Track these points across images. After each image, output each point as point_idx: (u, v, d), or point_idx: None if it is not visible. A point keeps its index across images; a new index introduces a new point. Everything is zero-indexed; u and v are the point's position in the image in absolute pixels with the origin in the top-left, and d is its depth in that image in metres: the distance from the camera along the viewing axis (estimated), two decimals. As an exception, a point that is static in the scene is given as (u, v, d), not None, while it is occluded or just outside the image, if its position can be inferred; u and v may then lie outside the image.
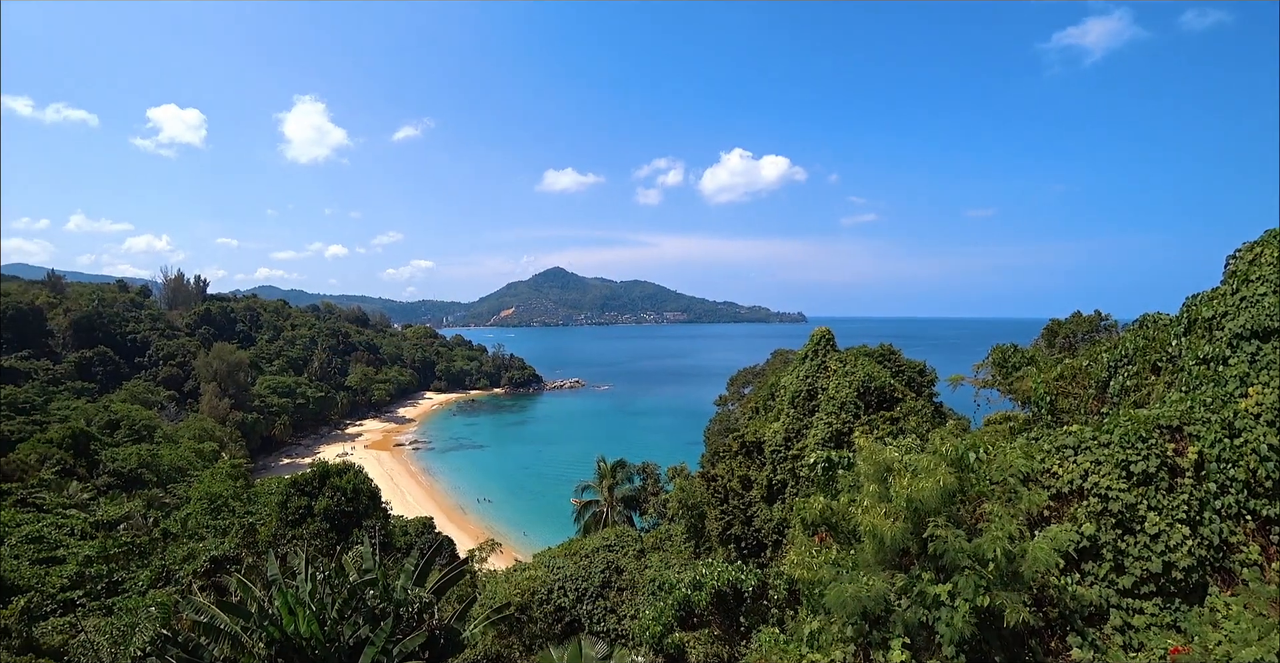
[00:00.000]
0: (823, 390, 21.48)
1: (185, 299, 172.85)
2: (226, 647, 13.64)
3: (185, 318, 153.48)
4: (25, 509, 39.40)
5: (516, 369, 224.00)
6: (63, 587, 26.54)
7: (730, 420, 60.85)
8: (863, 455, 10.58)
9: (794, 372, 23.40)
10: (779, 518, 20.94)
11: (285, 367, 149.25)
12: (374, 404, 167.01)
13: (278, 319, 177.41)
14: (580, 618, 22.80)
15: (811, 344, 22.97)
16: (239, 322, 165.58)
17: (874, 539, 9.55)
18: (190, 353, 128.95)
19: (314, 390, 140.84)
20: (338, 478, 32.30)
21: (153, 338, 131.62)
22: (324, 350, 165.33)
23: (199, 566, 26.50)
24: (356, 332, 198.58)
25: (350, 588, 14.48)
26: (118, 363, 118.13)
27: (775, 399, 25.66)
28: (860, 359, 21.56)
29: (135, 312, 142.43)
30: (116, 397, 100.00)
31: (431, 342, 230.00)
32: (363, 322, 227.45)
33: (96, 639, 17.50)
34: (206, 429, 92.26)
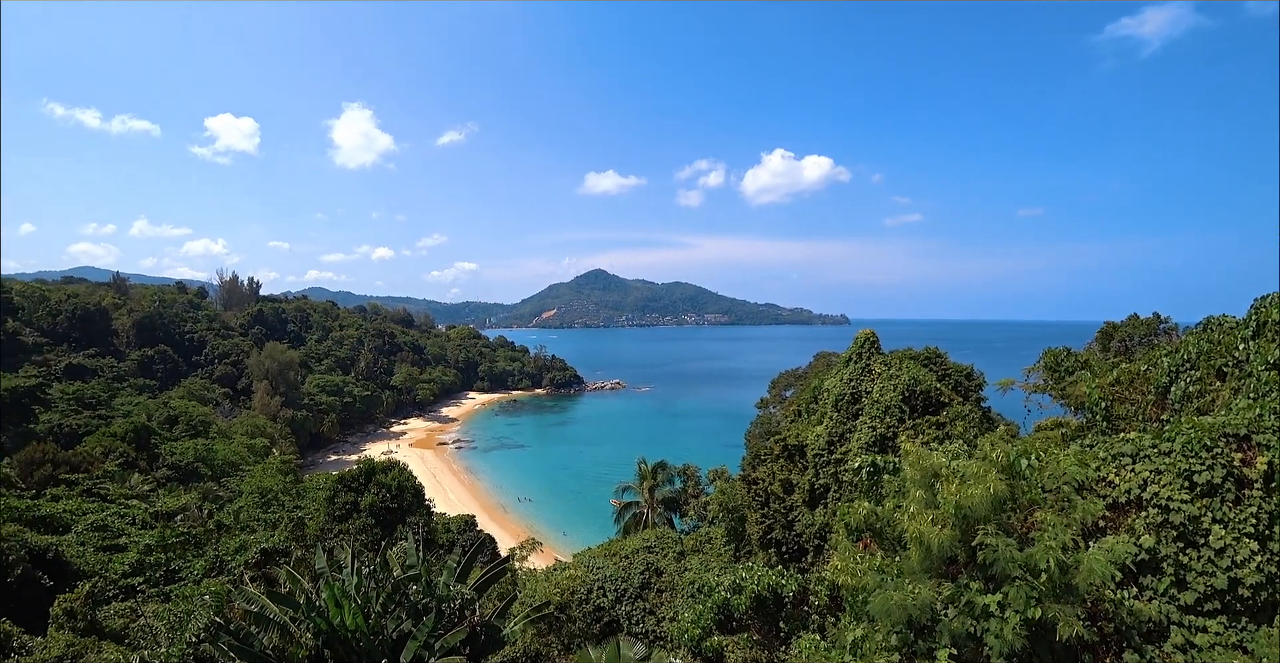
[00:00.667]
0: (866, 394, 21.11)
1: (239, 300, 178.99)
2: (276, 636, 14.03)
3: (239, 318, 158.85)
4: (91, 499, 41.22)
5: (558, 370, 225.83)
6: (124, 573, 27.69)
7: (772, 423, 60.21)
8: (909, 461, 10.35)
9: (837, 375, 23.06)
10: (821, 523, 20.65)
11: (333, 366, 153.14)
12: (418, 403, 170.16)
13: (326, 320, 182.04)
14: (619, 619, 22.83)
15: (855, 347, 22.61)
16: (290, 322, 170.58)
17: (920, 547, 9.32)
18: (244, 352, 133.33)
19: (361, 389, 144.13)
20: (383, 475, 32.94)
21: (209, 337, 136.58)
22: (370, 351, 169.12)
23: (250, 557, 27.31)
24: (402, 332, 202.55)
25: (394, 583, 14.75)
26: (176, 361, 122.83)
27: (818, 402, 25.32)
28: (905, 362, 21.14)
29: (193, 312, 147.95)
30: (175, 393, 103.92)
31: (475, 342, 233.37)
32: (408, 323, 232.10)
33: (155, 624, 18.21)
34: (258, 426, 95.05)
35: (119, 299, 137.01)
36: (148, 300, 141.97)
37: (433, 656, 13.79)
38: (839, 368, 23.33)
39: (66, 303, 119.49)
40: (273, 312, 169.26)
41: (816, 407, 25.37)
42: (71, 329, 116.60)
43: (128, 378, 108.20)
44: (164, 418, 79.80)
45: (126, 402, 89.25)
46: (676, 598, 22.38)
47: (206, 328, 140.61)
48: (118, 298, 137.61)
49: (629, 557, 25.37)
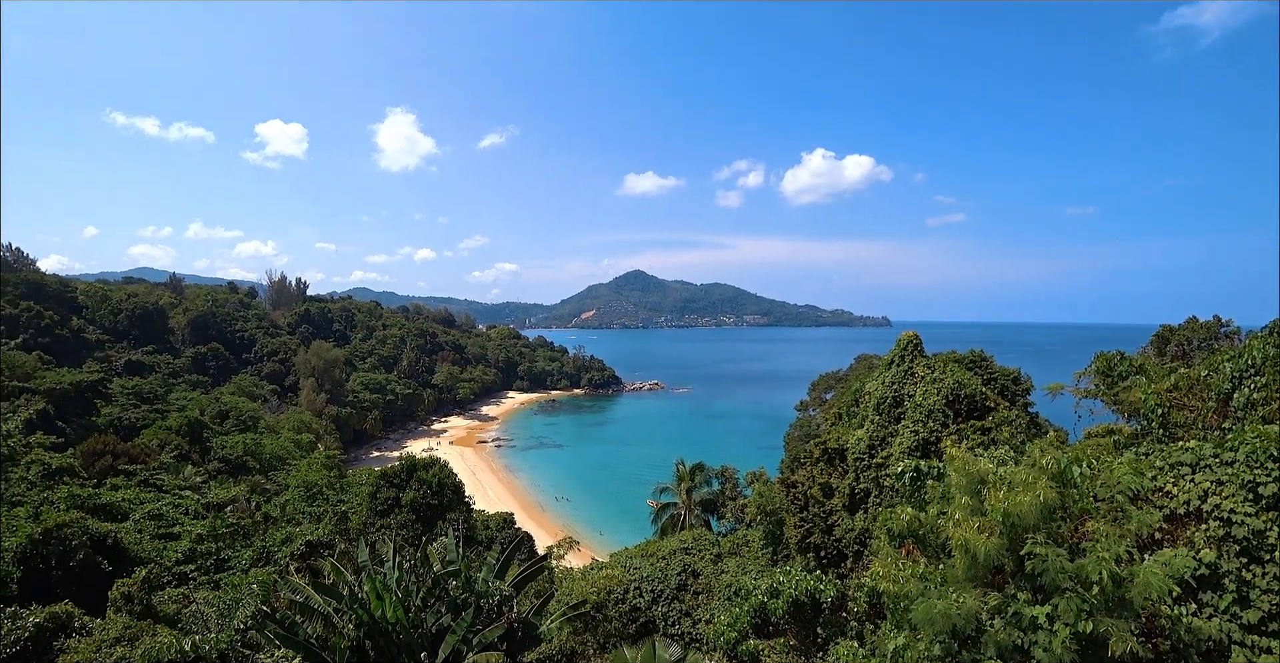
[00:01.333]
0: (909, 397, 20.69)
1: (287, 300, 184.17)
2: (319, 626, 14.35)
3: (287, 317, 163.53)
4: (148, 489, 42.85)
5: (596, 371, 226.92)
6: (177, 560, 28.71)
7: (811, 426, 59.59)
8: (954, 466, 10.09)
9: (879, 377, 22.65)
10: (861, 528, 20.30)
11: (377, 364, 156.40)
12: (459, 402, 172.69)
13: (370, 319, 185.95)
14: (655, 620, 22.80)
15: (898, 349, 22.18)
16: (335, 321, 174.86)
17: (966, 554, 9.07)
18: (291, 350, 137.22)
19: (403, 388, 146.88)
20: (424, 472, 33.49)
21: (258, 336, 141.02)
22: (413, 350, 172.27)
23: (295, 548, 28.06)
24: (443, 332, 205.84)
25: (434, 578, 14.95)
26: (228, 359, 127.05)
27: (859, 405, 24.91)
28: (949, 365, 20.65)
29: (243, 311, 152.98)
30: (226, 389, 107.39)
31: (514, 342, 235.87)
32: (449, 322, 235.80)
33: (205, 611, 18.86)
34: (304, 422, 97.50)
35: (175, 299, 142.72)
36: (201, 300, 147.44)
37: (470, 650, 13.94)
38: (881, 370, 22.92)
39: (126, 302, 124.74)
40: (319, 311, 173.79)
41: (857, 410, 24.96)
42: (131, 327, 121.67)
43: (182, 374, 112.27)
44: (216, 413, 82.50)
45: (181, 397, 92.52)
46: (713, 601, 22.26)
47: (256, 327, 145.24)
48: (174, 298, 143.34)
49: (666, 558, 25.33)
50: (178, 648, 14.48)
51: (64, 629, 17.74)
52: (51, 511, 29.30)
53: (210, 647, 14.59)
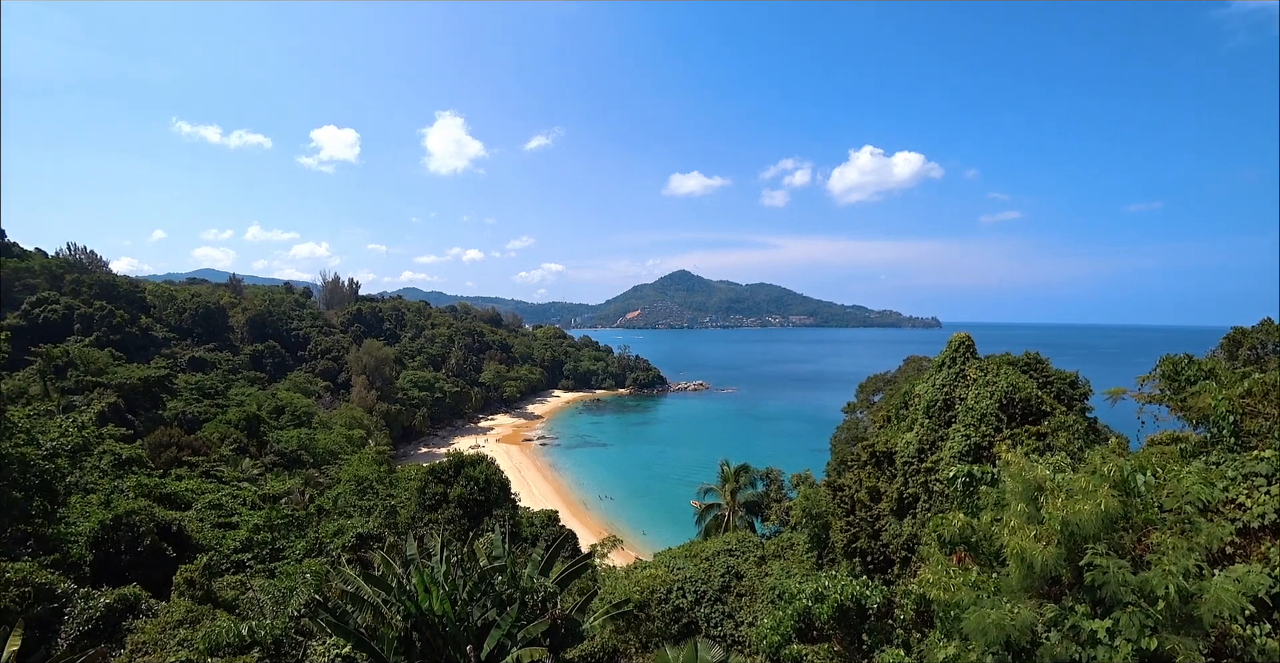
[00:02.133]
0: (961, 400, 20.14)
1: (340, 300, 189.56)
2: (369, 616, 14.71)
3: (340, 317, 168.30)
4: (209, 480, 44.57)
5: (641, 370, 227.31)
6: (235, 549, 29.81)
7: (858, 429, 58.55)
8: (1009, 472, 9.75)
9: (929, 380, 22.11)
10: (909, 533, 19.85)
11: (425, 363, 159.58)
12: (505, 400, 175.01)
13: (419, 319, 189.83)
14: (698, 620, 22.71)
15: (949, 351, 21.60)
16: (385, 320, 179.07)
17: (1021, 563, 8.75)
18: (344, 348, 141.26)
19: (451, 386, 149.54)
20: (471, 468, 33.97)
21: (312, 334, 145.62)
22: (460, 348, 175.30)
23: (347, 540, 28.83)
24: (490, 331, 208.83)
25: (480, 572, 15.17)
26: (284, 356, 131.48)
27: (908, 408, 24.36)
28: (1003, 368, 20.00)
29: (298, 311, 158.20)
30: (282, 386, 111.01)
31: (560, 342, 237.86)
32: (496, 322, 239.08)
33: (262, 598, 19.52)
34: (356, 418, 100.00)
35: (235, 299, 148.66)
36: (259, 300, 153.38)
37: (515, 645, 14.10)
38: (931, 373, 22.37)
39: (190, 302, 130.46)
40: (370, 311, 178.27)
41: (906, 413, 24.40)
42: (194, 325, 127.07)
43: (241, 371, 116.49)
44: (272, 408, 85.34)
45: (240, 392, 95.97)
46: (756, 603, 22.06)
47: (310, 325, 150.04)
48: (234, 297, 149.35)
49: (709, 559, 25.21)
50: (236, 632, 15.02)
51: (132, 610, 18.60)
52: (121, 498, 30.73)
53: (266, 632, 15.09)
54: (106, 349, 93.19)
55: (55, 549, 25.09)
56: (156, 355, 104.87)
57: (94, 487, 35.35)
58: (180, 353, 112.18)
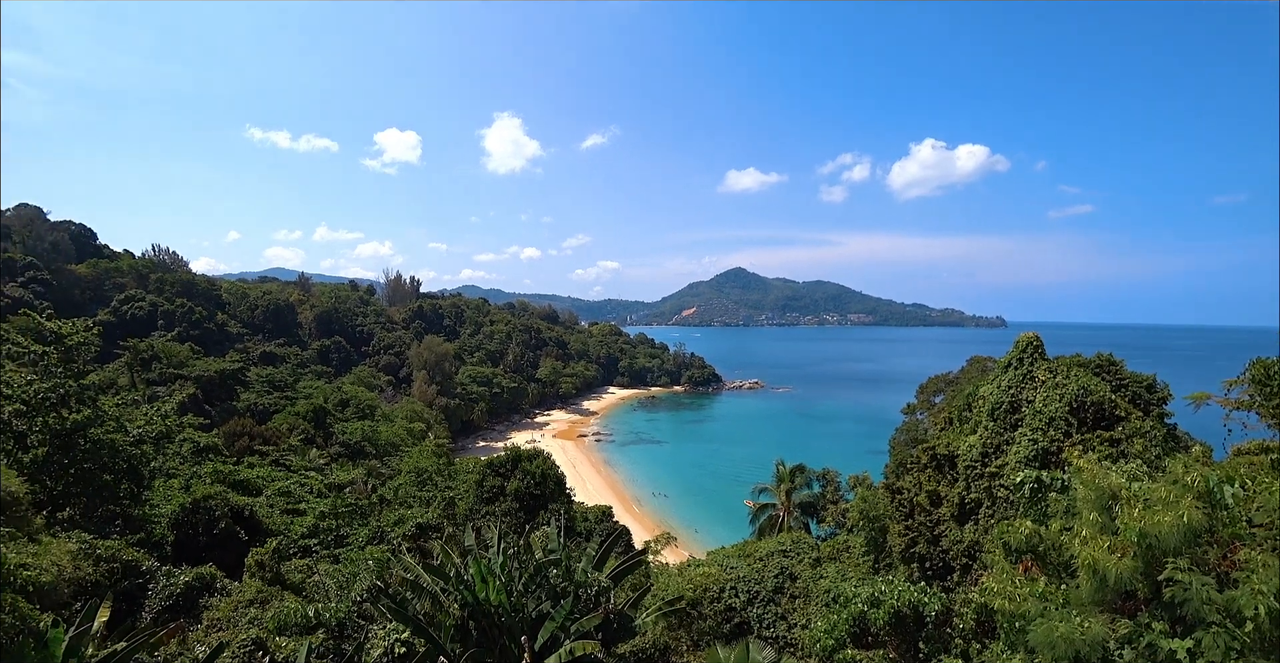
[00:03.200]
0: (1028, 403, 19.35)
1: (402, 297, 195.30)
2: (428, 604, 15.09)
3: (402, 314, 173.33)
4: (278, 468, 46.53)
5: (697, 368, 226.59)
6: (302, 534, 31.06)
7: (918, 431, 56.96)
8: (1081, 479, 9.29)
9: (994, 381, 21.32)
10: (970, 540, 19.21)
11: (484, 359, 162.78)
12: (561, 396, 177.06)
13: (478, 316, 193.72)
14: (750, 621, 22.51)
15: (1016, 351, 20.77)
16: (445, 317, 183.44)
17: (1093, 576, 8.33)
18: (405, 344, 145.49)
19: (508, 381, 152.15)
20: (528, 463, 34.45)
21: (376, 330, 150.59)
22: (518, 345, 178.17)
23: (407, 529, 29.67)
24: (547, 328, 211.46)
25: (536, 565, 15.38)
26: (349, 351, 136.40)
27: (971, 410, 23.55)
28: (1073, 370, 19.11)
29: (363, 308, 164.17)
30: (347, 380, 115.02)
31: (616, 339, 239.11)
32: (553, 319, 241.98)
33: (327, 582, 20.30)
34: (416, 411, 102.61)
35: (303, 296, 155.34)
36: (326, 297, 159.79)
37: (568, 638, 14.24)
38: (996, 374, 21.57)
39: (262, 299, 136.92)
40: (431, 308, 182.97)
41: (970, 415, 23.60)
42: (266, 322, 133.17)
43: (309, 365, 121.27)
44: (337, 401, 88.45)
45: (308, 386, 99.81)
46: (810, 606, 21.73)
47: (374, 322, 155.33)
48: (302, 295, 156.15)
49: (763, 559, 24.96)
50: (303, 613, 15.64)
51: (208, 589, 19.63)
52: (199, 483, 32.37)
53: (330, 615, 15.66)
54: (186, 344, 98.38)
55: (140, 529, 26.65)
56: (231, 350, 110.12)
57: (175, 472, 37.36)
58: (252, 348, 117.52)
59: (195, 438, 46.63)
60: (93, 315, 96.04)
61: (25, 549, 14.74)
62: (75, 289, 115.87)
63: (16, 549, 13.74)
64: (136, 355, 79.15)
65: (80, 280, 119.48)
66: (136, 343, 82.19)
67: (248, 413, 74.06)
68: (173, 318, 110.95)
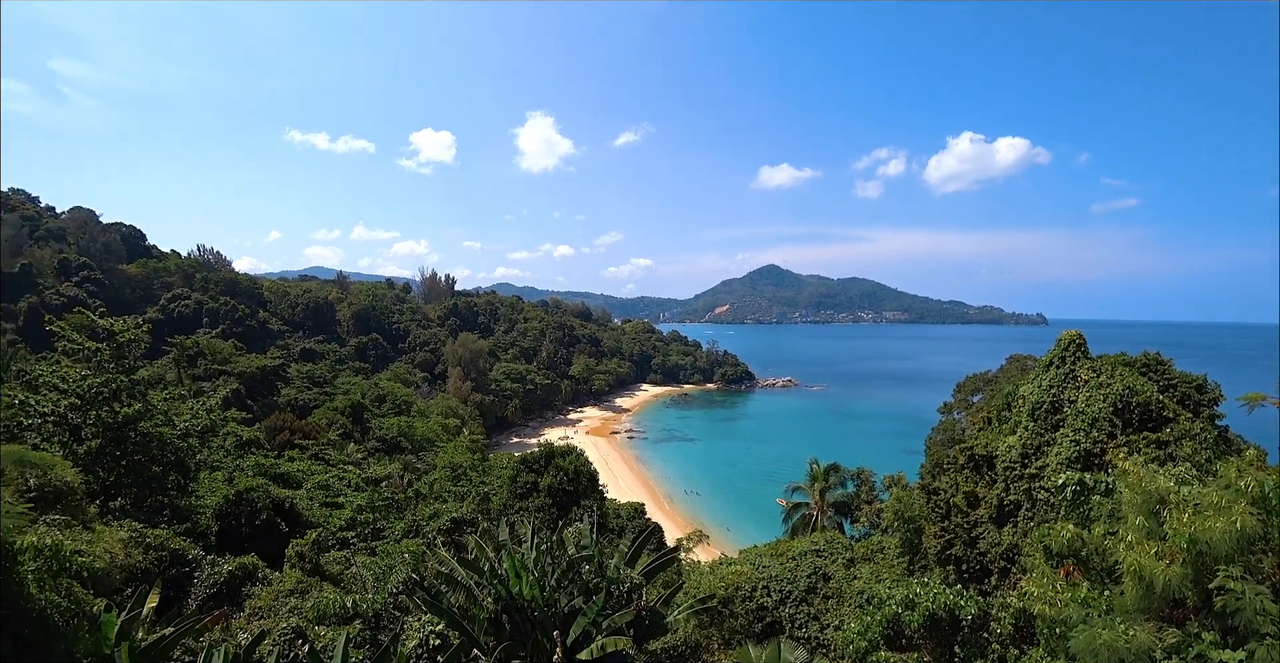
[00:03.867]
0: (1070, 403, 18.85)
1: (437, 295, 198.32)
2: (462, 597, 15.29)
3: (437, 311, 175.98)
4: (317, 462, 47.57)
5: (730, 366, 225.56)
6: (341, 527, 31.71)
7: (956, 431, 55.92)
8: (1127, 482, 9.01)
9: (1035, 380, 20.82)
10: (1009, 543, 18.81)
11: (518, 356, 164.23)
12: (594, 393, 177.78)
13: (512, 313, 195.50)
14: (782, 621, 22.37)
15: (1058, 349, 20.25)
16: (480, 315, 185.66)
17: (1139, 582, 8.08)
18: (440, 341, 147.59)
19: (542, 378, 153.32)
20: (561, 459, 34.67)
21: (411, 328, 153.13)
22: (551, 342, 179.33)
23: (442, 524, 30.08)
24: (580, 325, 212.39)
25: (569, 561, 15.47)
26: (385, 348, 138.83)
27: (1011, 410, 23.04)
28: (1118, 369, 18.54)
29: (399, 305, 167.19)
30: (383, 376, 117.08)
31: (649, 336, 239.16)
32: (586, 316, 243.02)
33: (364, 574, 20.72)
34: (451, 407, 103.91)
35: (341, 294, 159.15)
36: (363, 295, 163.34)
37: (600, 633, 14.30)
38: (1037, 372, 21.05)
39: (302, 297, 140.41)
40: (466, 305, 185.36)
41: (1009, 415, 23.09)
42: (305, 319, 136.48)
43: (347, 361, 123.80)
44: (374, 397, 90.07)
45: (346, 382, 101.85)
46: (843, 607, 21.51)
47: (410, 319, 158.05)
48: (340, 293, 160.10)
49: (796, 559, 24.79)
50: (341, 604, 15.98)
51: (250, 578, 20.18)
52: (242, 476, 33.27)
53: (368, 606, 15.97)
54: (230, 340, 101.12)
55: (187, 519, 27.50)
56: (272, 346, 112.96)
57: (219, 465, 38.46)
58: (293, 344, 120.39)
59: (238, 432, 47.95)
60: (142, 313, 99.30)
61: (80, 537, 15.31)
62: (126, 288, 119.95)
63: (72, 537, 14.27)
64: (183, 352, 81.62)
65: (130, 280, 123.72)
66: (183, 340, 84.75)
67: (288, 408, 75.80)
68: (217, 316, 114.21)
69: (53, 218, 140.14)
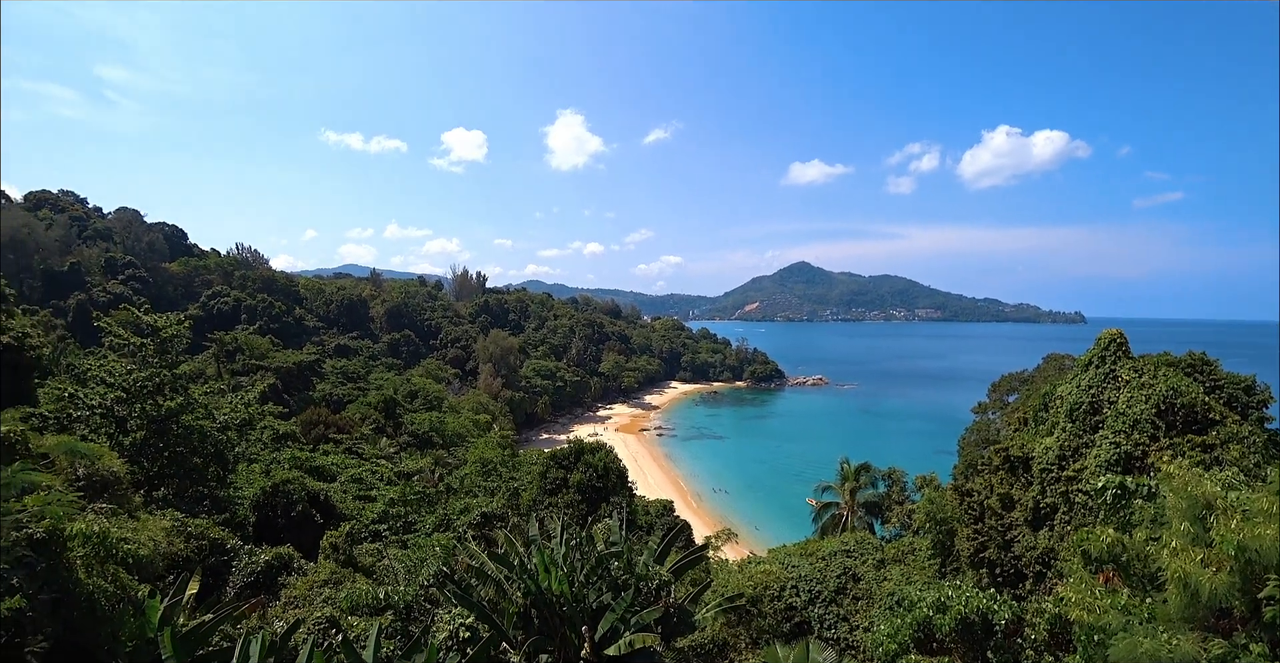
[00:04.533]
0: (1110, 404, 18.37)
1: (469, 292, 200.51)
2: (491, 591, 15.46)
3: (468, 308, 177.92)
4: (351, 456, 48.41)
5: (759, 363, 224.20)
6: (373, 519, 32.28)
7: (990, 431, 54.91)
8: (1171, 486, 8.74)
9: (1073, 380, 20.33)
10: (1045, 547, 18.41)
11: (548, 353, 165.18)
12: (623, 390, 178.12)
13: (542, 310, 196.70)
14: (810, 621, 22.21)
15: (1097, 348, 19.73)
16: (511, 312, 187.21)
17: (1184, 590, 7.83)
18: (472, 338, 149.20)
19: (571, 375, 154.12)
20: (590, 455, 34.84)
21: (443, 324, 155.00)
22: (581, 339, 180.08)
23: (472, 518, 30.42)
24: (610, 323, 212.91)
25: (598, 557, 15.52)
26: (417, 344, 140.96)
27: (1048, 410, 22.53)
28: (1161, 369, 18.00)
29: (431, 302, 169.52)
30: (415, 372, 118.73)
31: (678, 334, 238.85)
32: (615, 314, 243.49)
33: (396, 566, 21.07)
34: (482, 403, 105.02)
35: (374, 291, 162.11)
36: (396, 292, 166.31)
37: (628, 630, 14.34)
38: (1076, 372, 20.55)
39: (336, 295, 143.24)
40: (496, 302, 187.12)
41: (1046, 415, 22.58)
42: (340, 316, 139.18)
43: (380, 357, 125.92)
44: (407, 392, 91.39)
45: (379, 377, 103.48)
46: (873, 608, 21.26)
47: (441, 316, 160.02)
48: (374, 290, 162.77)
49: (825, 558, 24.58)
50: (373, 595, 16.27)
51: (286, 568, 20.64)
52: (278, 469, 33.99)
53: (399, 598, 16.22)
54: (267, 336, 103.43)
55: (226, 510, 28.21)
56: (308, 343, 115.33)
57: (256, 457, 39.35)
58: (327, 340, 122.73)
59: (275, 426, 49.00)
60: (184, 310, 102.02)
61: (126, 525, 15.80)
62: (168, 285, 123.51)
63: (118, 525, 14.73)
64: (222, 348, 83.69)
65: (173, 277, 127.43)
66: (222, 336, 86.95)
67: (323, 403, 77.27)
68: (255, 312, 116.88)
69: (100, 218, 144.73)
